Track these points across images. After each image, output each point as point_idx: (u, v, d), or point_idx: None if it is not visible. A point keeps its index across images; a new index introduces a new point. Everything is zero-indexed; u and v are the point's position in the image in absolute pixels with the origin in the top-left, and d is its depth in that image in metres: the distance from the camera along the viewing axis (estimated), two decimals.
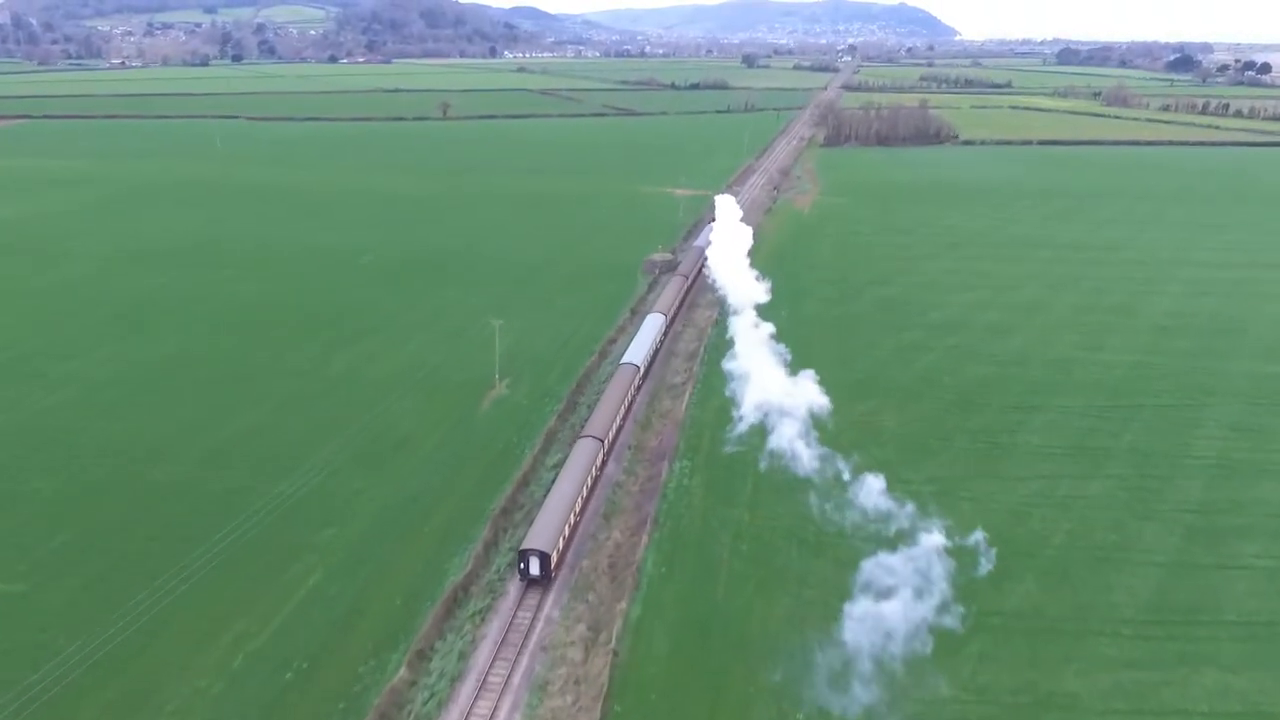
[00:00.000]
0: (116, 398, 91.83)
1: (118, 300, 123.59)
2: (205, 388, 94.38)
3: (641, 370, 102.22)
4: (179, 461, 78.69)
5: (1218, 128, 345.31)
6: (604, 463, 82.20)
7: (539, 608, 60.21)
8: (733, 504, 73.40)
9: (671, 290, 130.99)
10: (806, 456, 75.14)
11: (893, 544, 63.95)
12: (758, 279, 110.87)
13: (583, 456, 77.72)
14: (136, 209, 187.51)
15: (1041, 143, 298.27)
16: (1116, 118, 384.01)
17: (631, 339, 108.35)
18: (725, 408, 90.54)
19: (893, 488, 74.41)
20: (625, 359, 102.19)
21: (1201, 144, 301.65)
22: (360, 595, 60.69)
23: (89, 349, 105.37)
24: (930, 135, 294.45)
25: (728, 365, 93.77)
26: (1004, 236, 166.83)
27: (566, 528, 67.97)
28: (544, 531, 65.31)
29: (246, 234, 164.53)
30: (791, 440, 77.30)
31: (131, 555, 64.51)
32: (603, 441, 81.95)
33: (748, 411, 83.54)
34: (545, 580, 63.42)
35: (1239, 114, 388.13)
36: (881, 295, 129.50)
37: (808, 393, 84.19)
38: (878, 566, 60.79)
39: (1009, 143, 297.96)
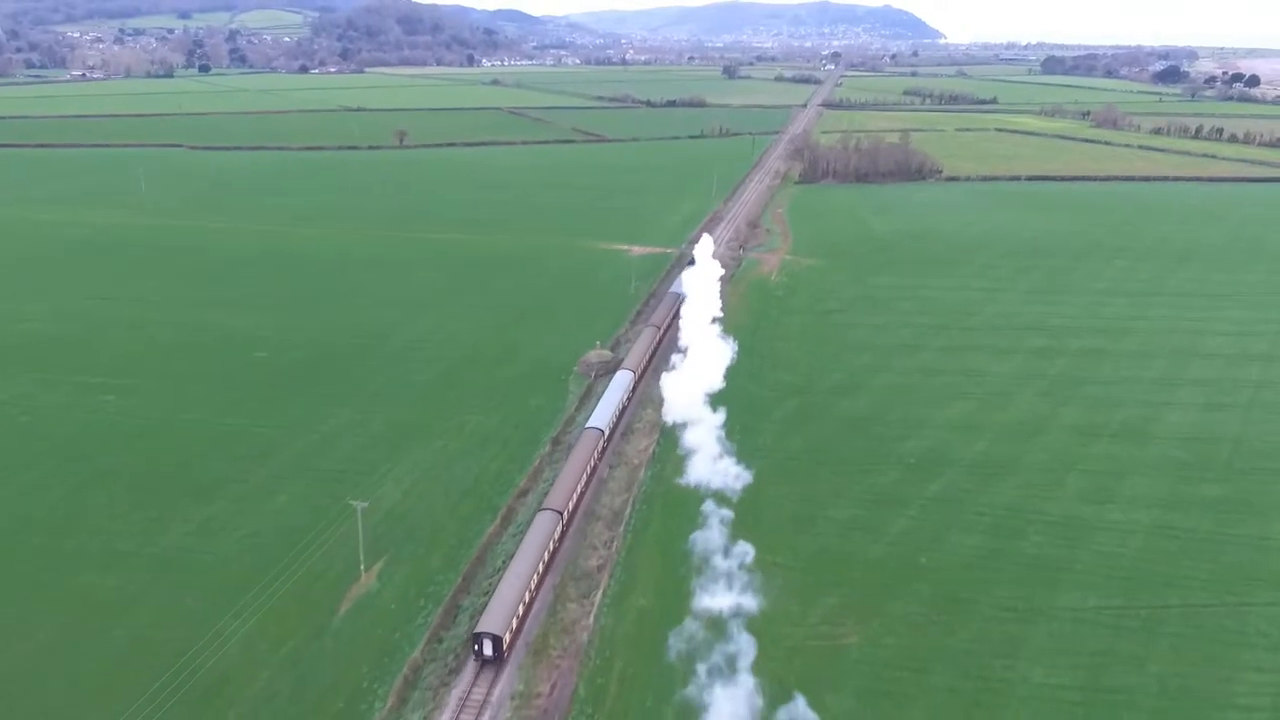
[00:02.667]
0: None
1: None
2: None
3: (606, 434, 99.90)
4: None
5: (1214, 157, 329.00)
6: (563, 536, 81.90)
7: None
8: None
9: (642, 344, 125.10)
10: None
11: None
12: (736, 463, 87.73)
13: (541, 531, 78.01)
14: (25, 277, 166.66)
15: (1030, 178, 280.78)
16: (1107, 143, 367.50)
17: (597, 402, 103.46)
18: (650, 613, 71.93)
19: None
20: (590, 423, 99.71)
21: (1199, 179, 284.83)
22: None
23: None
24: (912, 171, 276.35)
25: (678, 645, 66.42)
26: (991, 314, 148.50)
27: (521, 607, 69.53)
28: (498, 613, 67.28)
29: (137, 314, 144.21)
30: None
31: None
32: (562, 514, 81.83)
33: None
34: (498, 660, 66.05)
35: (1234, 138, 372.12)
36: (850, 411, 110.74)
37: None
38: None
39: (995, 178, 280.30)
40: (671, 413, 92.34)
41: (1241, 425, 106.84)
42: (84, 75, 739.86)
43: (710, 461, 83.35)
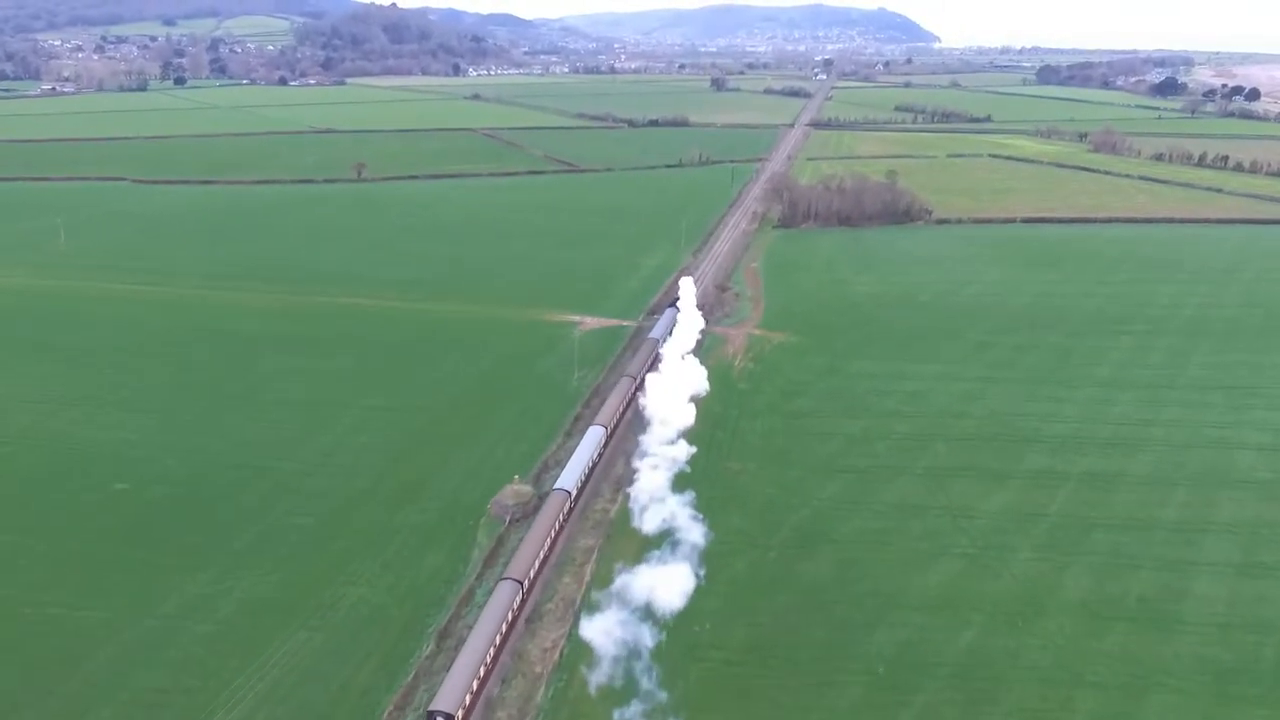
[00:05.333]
0: None
1: None
2: None
3: (573, 496, 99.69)
4: None
5: (1220, 190, 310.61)
6: (522, 606, 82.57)
7: None
8: None
9: (616, 397, 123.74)
10: None
11: None
12: None
13: (499, 603, 78.83)
14: None
15: (1025, 220, 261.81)
16: (1106, 172, 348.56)
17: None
18: None
19: None
20: (557, 485, 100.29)
21: (1206, 221, 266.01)
22: None
23: None
24: (900, 213, 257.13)
25: None
26: (982, 416, 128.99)
27: (475, 682, 70.75)
28: (451, 691, 68.60)
29: None
30: None
31: None
32: (522, 584, 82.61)
33: None
34: None
35: (1239, 168, 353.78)
36: (811, 577, 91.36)
37: None
38: None
39: (989, 221, 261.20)
40: (601, 668, 73.63)
41: None
42: (54, 89, 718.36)
43: None
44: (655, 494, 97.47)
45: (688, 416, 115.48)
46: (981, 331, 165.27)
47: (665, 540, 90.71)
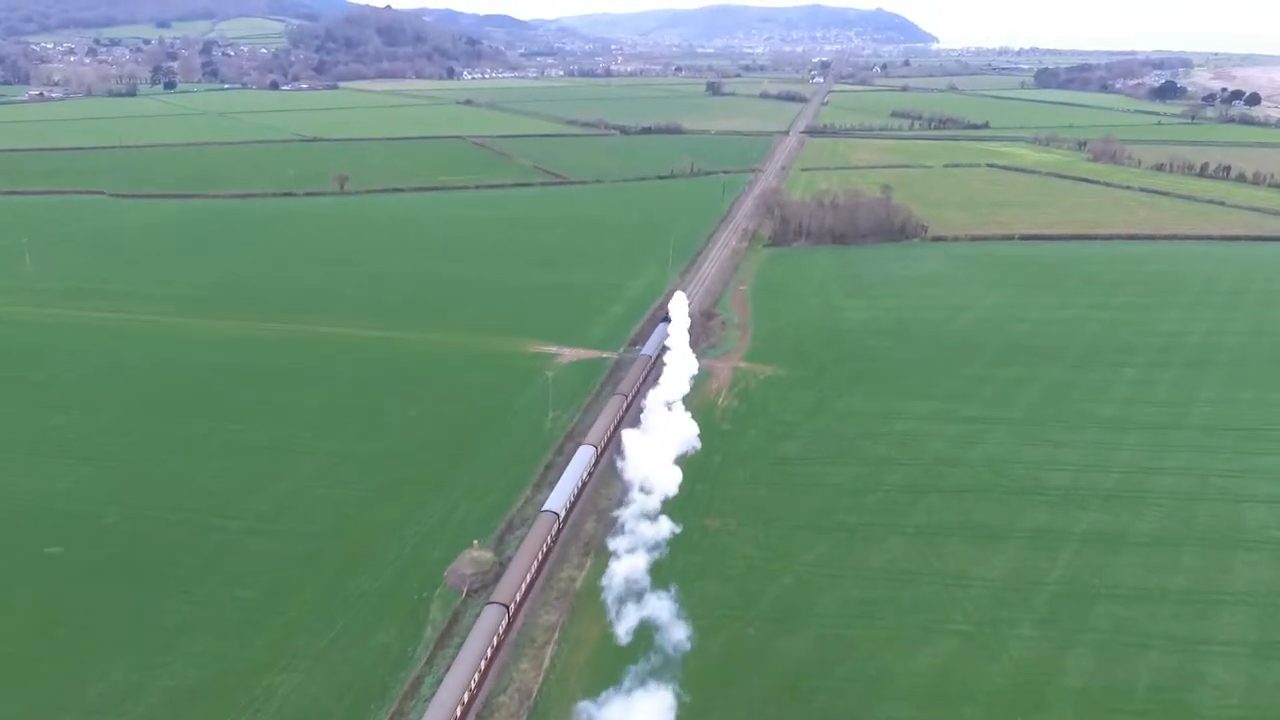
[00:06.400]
0: None
1: None
2: None
3: (561, 516, 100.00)
4: None
5: (1223, 203, 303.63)
6: (508, 629, 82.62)
7: None
8: None
9: (607, 415, 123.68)
10: None
11: None
12: None
13: (482, 630, 78.35)
14: None
15: (1024, 237, 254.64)
16: (1106, 184, 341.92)
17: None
18: None
19: None
20: (545, 506, 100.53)
21: (1209, 238, 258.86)
22: None
23: None
24: (894, 230, 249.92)
25: None
26: (978, 463, 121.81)
27: (459, 708, 71.48)
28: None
29: None
30: None
31: None
32: (508, 608, 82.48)
33: None
34: None
35: (1242, 178, 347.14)
36: (791, 657, 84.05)
37: None
38: None
39: (986, 238, 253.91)
40: None
41: None
42: (41, 94, 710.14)
43: None
44: (632, 583, 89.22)
45: (672, 483, 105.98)
46: (978, 364, 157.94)
47: (641, 654, 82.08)
